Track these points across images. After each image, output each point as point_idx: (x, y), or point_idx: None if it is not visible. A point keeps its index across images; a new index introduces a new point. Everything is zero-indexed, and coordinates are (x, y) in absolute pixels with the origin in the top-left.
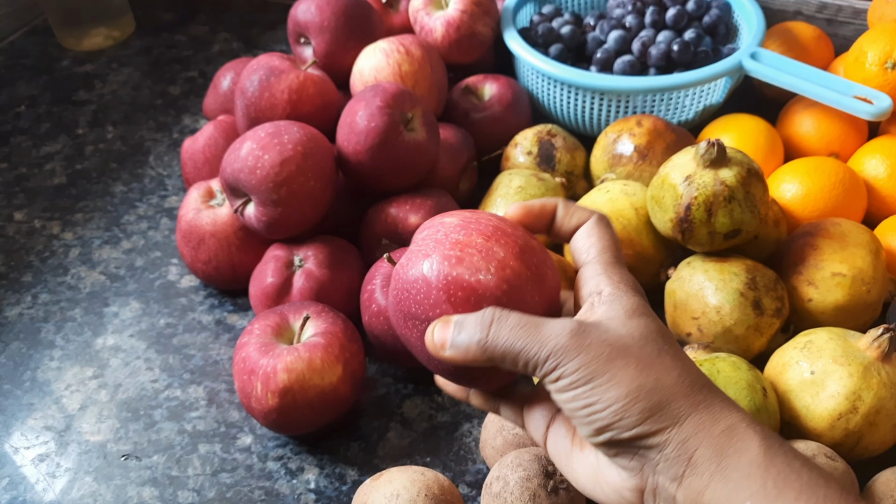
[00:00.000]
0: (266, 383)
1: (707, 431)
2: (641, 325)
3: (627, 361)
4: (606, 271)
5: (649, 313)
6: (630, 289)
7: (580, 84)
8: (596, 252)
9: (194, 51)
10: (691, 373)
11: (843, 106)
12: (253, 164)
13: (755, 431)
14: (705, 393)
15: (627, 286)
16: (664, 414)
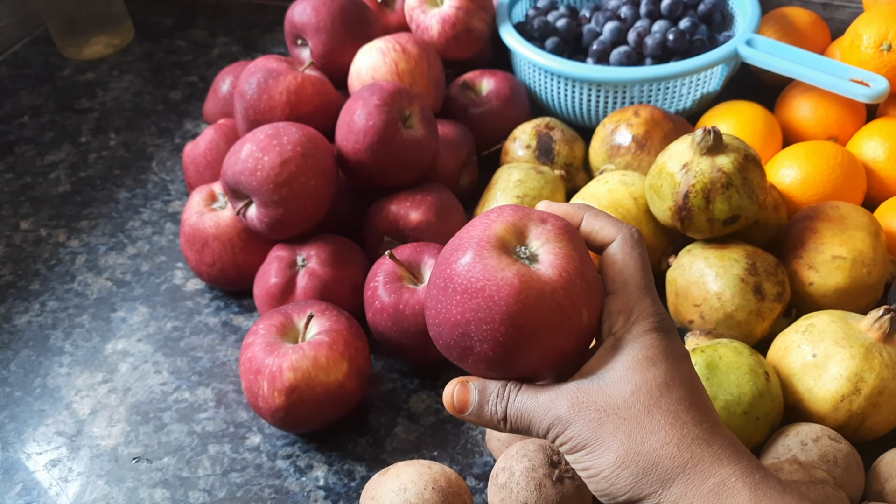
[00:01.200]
0: (272, 382)
1: (696, 491)
2: (637, 380)
3: (617, 426)
4: (627, 306)
5: (653, 364)
6: (649, 329)
7: (577, 76)
8: (622, 281)
9: (194, 55)
10: (679, 430)
11: (840, 89)
12: (253, 165)
13: (745, 484)
14: (693, 449)
15: (647, 326)
16: (652, 478)
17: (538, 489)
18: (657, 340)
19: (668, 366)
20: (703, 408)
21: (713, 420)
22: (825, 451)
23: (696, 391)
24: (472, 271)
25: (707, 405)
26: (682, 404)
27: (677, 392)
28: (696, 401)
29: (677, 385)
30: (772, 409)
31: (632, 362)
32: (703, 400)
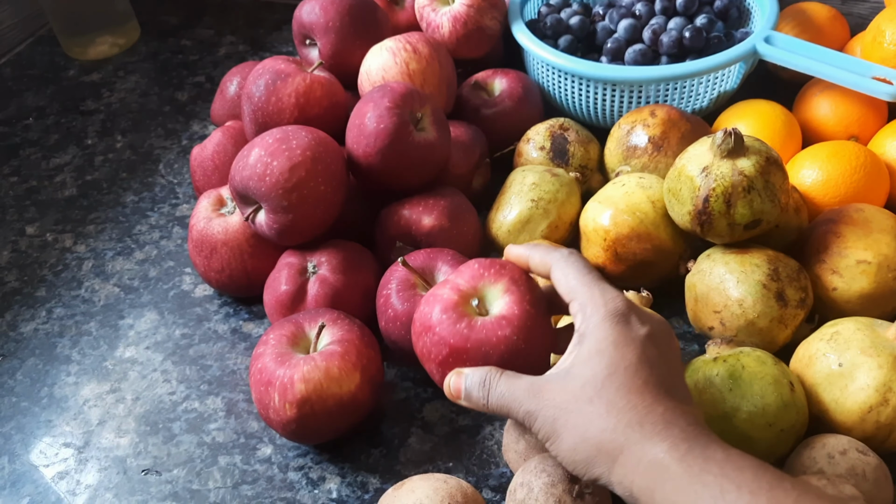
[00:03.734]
0: (283, 394)
1: (633, 470)
2: (585, 374)
3: (567, 419)
4: (582, 307)
5: (602, 351)
6: (600, 320)
7: (591, 76)
8: (570, 288)
9: (201, 55)
10: (614, 416)
11: (862, 87)
12: (262, 171)
13: (672, 458)
14: (627, 433)
15: (599, 317)
16: (597, 462)
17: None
18: (607, 330)
19: (613, 354)
20: (640, 389)
21: (651, 398)
22: (853, 464)
23: (638, 374)
24: (441, 326)
25: (649, 384)
26: (620, 391)
27: (618, 380)
28: (635, 384)
29: (620, 373)
30: (797, 420)
31: (584, 356)
32: (644, 381)
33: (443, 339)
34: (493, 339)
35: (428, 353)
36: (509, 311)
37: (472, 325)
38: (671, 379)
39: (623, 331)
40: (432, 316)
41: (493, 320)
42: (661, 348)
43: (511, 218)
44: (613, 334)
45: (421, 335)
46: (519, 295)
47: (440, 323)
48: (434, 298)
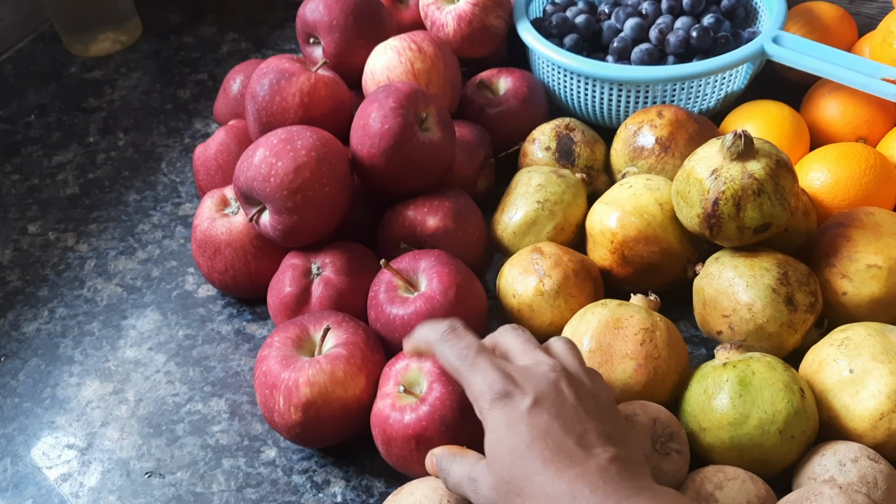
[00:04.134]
0: (288, 397)
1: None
2: (496, 466)
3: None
4: (473, 398)
5: (499, 439)
6: (488, 408)
7: (597, 75)
8: (456, 376)
9: (203, 52)
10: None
11: (872, 89)
12: (266, 171)
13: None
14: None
15: (486, 407)
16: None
17: None
18: (496, 417)
19: (509, 440)
20: (539, 470)
21: (553, 473)
22: (864, 472)
23: (533, 453)
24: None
25: (546, 459)
26: (526, 479)
27: (521, 467)
28: (534, 466)
29: (519, 460)
30: (807, 427)
31: (491, 446)
32: (542, 459)
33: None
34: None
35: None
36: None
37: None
38: (565, 437)
39: (510, 410)
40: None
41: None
42: (548, 401)
43: (516, 219)
44: (504, 417)
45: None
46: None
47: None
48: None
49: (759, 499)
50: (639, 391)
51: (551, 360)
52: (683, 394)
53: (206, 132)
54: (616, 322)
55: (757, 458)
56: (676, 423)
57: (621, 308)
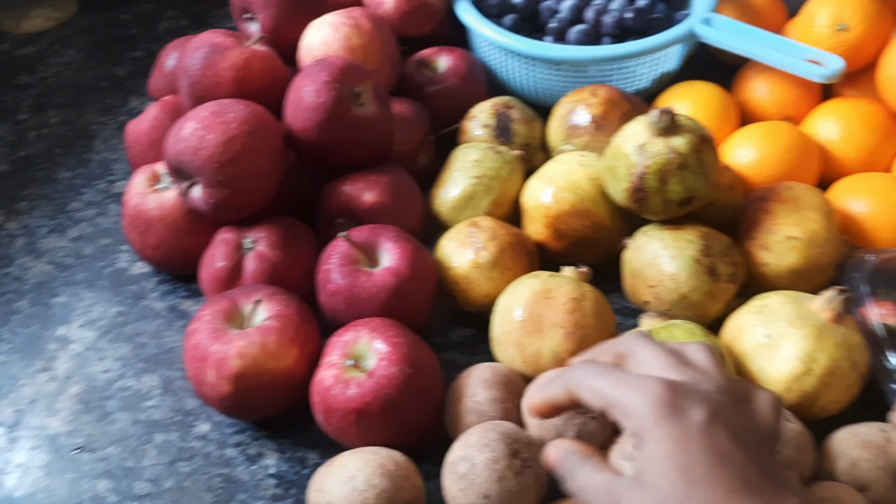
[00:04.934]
0: (219, 370)
1: None
2: (659, 484)
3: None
4: (627, 413)
5: (667, 454)
6: (653, 419)
7: (534, 55)
8: (605, 402)
9: (140, 29)
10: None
11: (796, 69)
12: (196, 144)
13: None
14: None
15: (650, 417)
16: None
17: (500, 481)
18: (664, 428)
19: (682, 457)
20: (723, 500)
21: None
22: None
23: (716, 481)
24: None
25: (731, 491)
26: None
27: (700, 493)
28: (717, 496)
29: (700, 485)
30: None
31: (652, 461)
32: (726, 490)
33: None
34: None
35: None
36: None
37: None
38: (754, 466)
39: (681, 424)
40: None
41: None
42: (730, 425)
43: (454, 194)
44: (673, 431)
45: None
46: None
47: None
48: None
49: None
50: (567, 358)
51: (714, 379)
52: None
53: (142, 110)
54: (546, 292)
55: None
56: None
57: (552, 279)
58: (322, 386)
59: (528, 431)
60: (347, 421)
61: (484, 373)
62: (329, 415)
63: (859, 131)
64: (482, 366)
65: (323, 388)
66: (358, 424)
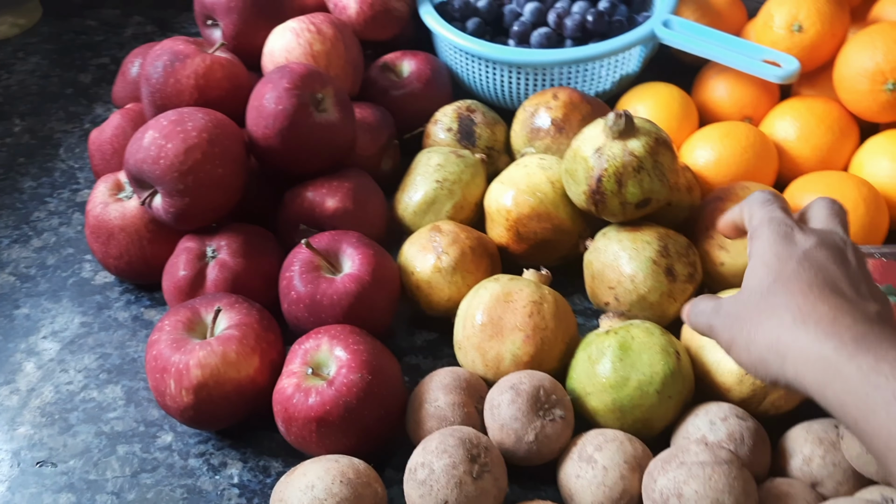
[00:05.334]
0: (179, 380)
1: (804, 367)
2: (751, 285)
3: (740, 327)
4: (752, 233)
5: (765, 263)
6: (766, 238)
7: (496, 58)
8: (747, 223)
9: (106, 36)
10: (777, 318)
11: (753, 70)
12: (156, 153)
13: (840, 357)
14: (794, 332)
15: (763, 237)
16: (769, 362)
17: (458, 487)
18: (769, 244)
19: (776, 264)
20: (803, 291)
21: (815, 297)
22: (732, 429)
23: (800, 277)
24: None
25: (813, 285)
26: (783, 295)
27: (781, 285)
28: (797, 286)
29: (783, 279)
30: (683, 387)
31: (752, 272)
32: (807, 283)
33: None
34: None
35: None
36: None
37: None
38: (842, 279)
39: (786, 244)
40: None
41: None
42: (831, 251)
43: (416, 199)
44: (776, 247)
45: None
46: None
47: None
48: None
49: (636, 458)
50: (527, 361)
51: (840, 233)
52: (571, 362)
53: (106, 117)
54: (507, 296)
55: (638, 418)
56: (561, 390)
57: (512, 283)
58: (283, 395)
59: (488, 435)
60: (308, 429)
61: (445, 378)
62: (290, 423)
63: (815, 130)
64: (443, 370)
65: (284, 397)
66: (319, 433)
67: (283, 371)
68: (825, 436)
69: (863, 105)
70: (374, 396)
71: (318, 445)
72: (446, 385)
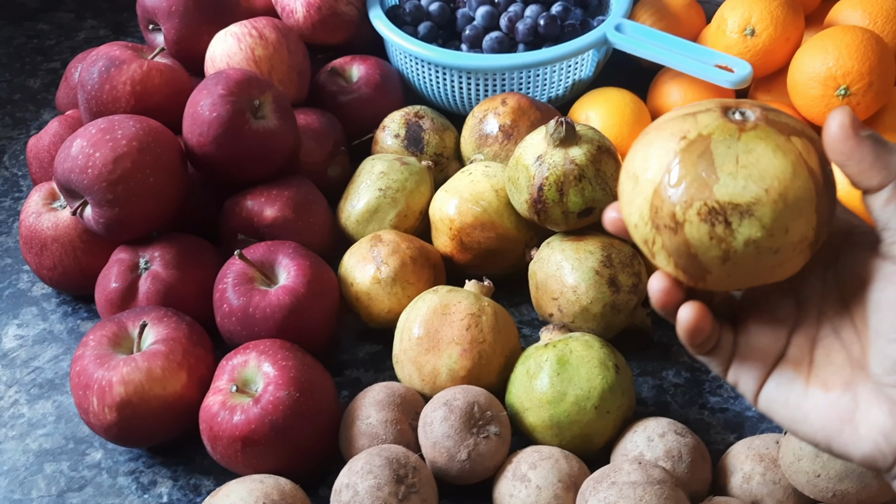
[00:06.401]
0: (102, 397)
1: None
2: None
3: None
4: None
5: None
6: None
7: (446, 64)
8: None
9: (58, 39)
10: None
11: (705, 75)
12: (84, 163)
13: None
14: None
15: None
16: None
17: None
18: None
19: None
20: None
21: None
22: (670, 446)
23: None
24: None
25: None
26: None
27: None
28: None
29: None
30: (622, 402)
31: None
32: None
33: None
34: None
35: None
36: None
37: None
38: None
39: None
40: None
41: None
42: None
43: (359, 207)
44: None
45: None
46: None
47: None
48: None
49: (571, 477)
50: (464, 376)
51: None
52: (510, 376)
53: None
54: (444, 308)
55: (577, 434)
56: (498, 405)
57: (451, 294)
58: (208, 412)
59: (422, 453)
60: (234, 449)
61: (379, 393)
62: (215, 442)
63: None
64: (378, 386)
65: (209, 415)
66: (245, 452)
67: (210, 387)
68: (766, 452)
69: (815, 111)
70: (303, 414)
71: (244, 465)
72: (379, 401)
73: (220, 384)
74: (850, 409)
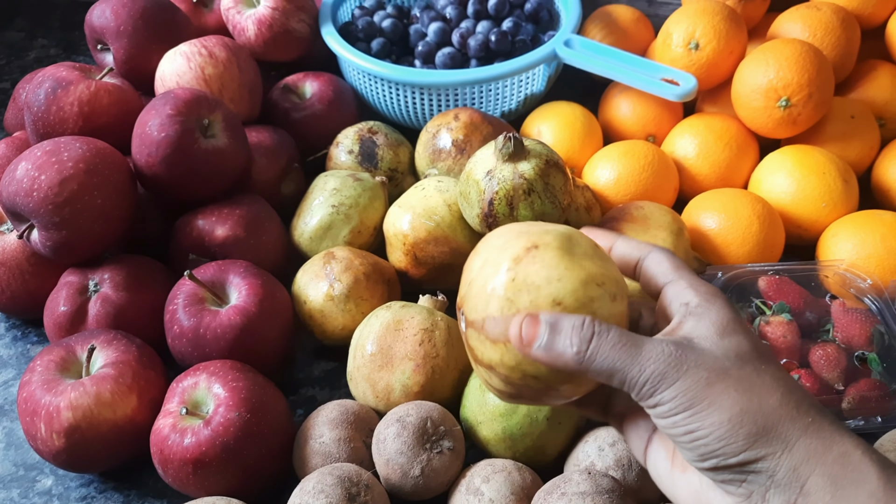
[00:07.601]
0: (50, 423)
1: (819, 458)
2: (735, 343)
3: (727, 385)
4: (692, 285)
5: (743, 329)
6: (719, 300)
7: (398, 80)
8: (675, 271)
9: (8, 59)
10: (795, 392)
11: (652, 89)
12: (29, 185)
13: (872, 461)
14: (813, 414)
15: (716, 297)
16: (771, 438)
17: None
18: (732, 313)
19: (748, 334)
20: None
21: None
22: (620, 455)
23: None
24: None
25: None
26: (780, 371)
27: (773, 360)
28: (782, 369)
29: (768, 354)
30: (574, 413)
31: (721, 329)
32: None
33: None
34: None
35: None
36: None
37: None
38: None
39: (727, 309)
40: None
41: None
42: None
43: (312, 224)
44: (738, 317)
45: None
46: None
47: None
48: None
49: (524, 489)
50: (418, 391)
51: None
52: (464, 390)
53: None
54: (397, 324)
55: (530, 446)
56: (451, 420)
57: (404, 310)
58: (159, 436)
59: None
60: (185, 471)
61: (332, 412)
62: (166, 465)
63: (714, 147)
64: (331, 404)
65: (159, 438)
66: (196, 474)
67: (161, 410)
68: None
69: (759, 122)
70: (255, 435)
71: (196, 487)
72: (332, 419)
73: (170, 407)
74: (699, 491)
